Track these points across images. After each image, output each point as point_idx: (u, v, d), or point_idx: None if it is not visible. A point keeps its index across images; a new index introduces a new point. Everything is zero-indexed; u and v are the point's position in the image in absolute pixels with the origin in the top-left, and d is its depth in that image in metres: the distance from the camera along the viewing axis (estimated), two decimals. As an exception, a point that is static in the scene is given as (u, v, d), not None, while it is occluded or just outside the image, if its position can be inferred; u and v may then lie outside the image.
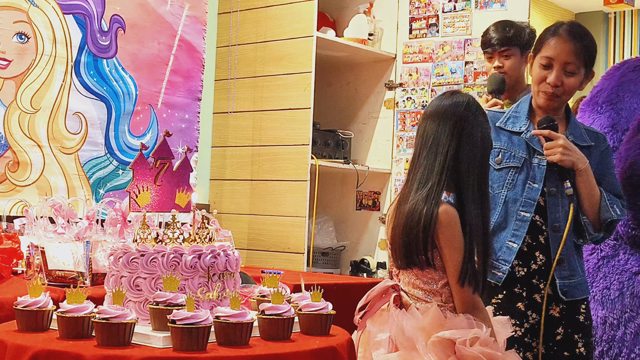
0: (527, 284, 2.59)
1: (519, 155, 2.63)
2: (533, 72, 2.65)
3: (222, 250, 2.01)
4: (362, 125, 4.73)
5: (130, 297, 1.93)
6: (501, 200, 2.61)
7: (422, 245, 2.21)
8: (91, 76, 3.76)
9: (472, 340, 2.13)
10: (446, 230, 2.20)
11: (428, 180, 2.24)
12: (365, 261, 4.46)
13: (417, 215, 2.21)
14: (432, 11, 4.49)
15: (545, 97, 2.61)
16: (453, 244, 2.21)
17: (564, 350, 2.58)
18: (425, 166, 2.26)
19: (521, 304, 2.58)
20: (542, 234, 2.59)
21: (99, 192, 3.78)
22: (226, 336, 1.80)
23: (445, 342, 2.13)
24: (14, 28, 3.50)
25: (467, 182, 2.25)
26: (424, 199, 2.22)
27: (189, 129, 4.18)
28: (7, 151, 3.47)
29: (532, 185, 2.60)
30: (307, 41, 4.13)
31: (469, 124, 2.27)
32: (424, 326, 2.17)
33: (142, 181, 2.06)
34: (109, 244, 2.60)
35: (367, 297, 2.32)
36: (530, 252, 2.59)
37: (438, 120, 2.28)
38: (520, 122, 2.67)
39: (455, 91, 2.37)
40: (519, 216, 2.59)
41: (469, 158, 2.26)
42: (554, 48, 2.59)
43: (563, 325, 2.58)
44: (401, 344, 2.19)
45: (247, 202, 4.31)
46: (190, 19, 4.15)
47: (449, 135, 2.25)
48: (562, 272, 2.58)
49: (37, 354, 1.69)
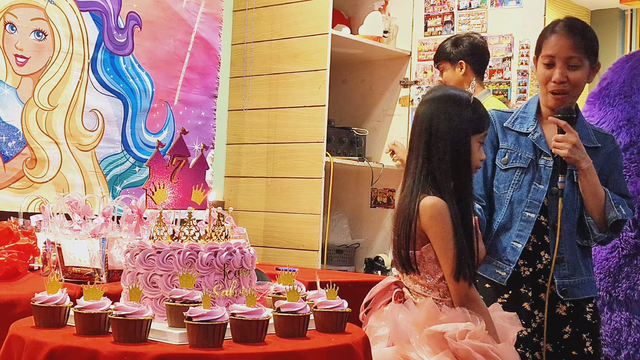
0: (533, 283, 2.58)
1: (526, 156, 2.61)
2: (538, 73, 2.64)
3: (237, 247, 2.02)
4: (377, 122, 4.72)
5: (146, 294, 1.94)
6: (506, 201, 2.60)
7: (404, 242, 2.24)
8: (108, 73, 3.78)
9: (461, 334, 2.14)
10: (433, 221, 2.22)
11: (408, 183, 2.32)
12: (380, 259, 4.46)
13: (402, 214, 2.28)
14: (447, 8, 4.48)
15: (554, 96, 2.58)
16: (442, 234, 2.22)
17: (572, 349, 2.57)
18: (408, 171, 2.34)
19: (527, 303, 2.57)
20: (547, 234, 2.58)
21: (115, 189, 3.79)
22: (242, 333, 1.80)
23: (438, 336, 2.15)
24: (31, 25, 3.52)
25: (440, 178, 2.27)
26: (404, 199, 2.30)
27: (205, 126, 4.19)
28: (25, 148, 3.50)
29: (538, 187, 2.58)
30: (322, 39, 4.13)
31: (435, 121, 2.29)
32: (418, 320, 2.20)
33: (159, 178, 2.07)
34: (124, 240, 2.61)
35: (370, 293, 2.37)
36: (535, 251, 2.58)
37: (414, 124, 2.36)
38: (528, 123, 2.65)
39: (431, 89, 2.40)
40: (524, 217, 2.58)
41: (439, 155, 2.27)
42: (553, 45, 2.57)
43: (570, 324, 2.57)
44: (396, 338, 2.21)
45: (262, 200, 4.32)
46: (206, 16, 4.16)
47: (419, 136, 2.32)
48: (561, 272, 2.56)
49: (55, 350, 1.70)
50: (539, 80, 2.63)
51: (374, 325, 2.31)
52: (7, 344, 1.85)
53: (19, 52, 3.48)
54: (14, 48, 3.46)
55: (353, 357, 1.87)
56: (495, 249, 2.61)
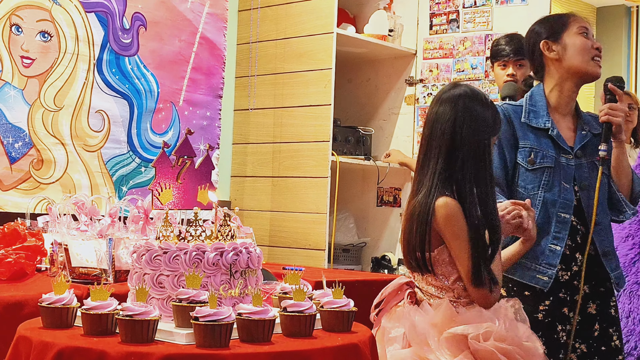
0: (570, 287, 2.54)
1: (550, 154, 2.56)
2: (576, 43, 2.57)
3: (243, 247, 2.02)
4: (383, 121, 4.72)
5: (153, 294, 1.95)
6: (538, 202, 2.53)
7: (418, 242, 2.20)
8: (113, 74, 3.78)
9: (485, 335, 2.12)
10: (448, 222, 2.17)
11: (425, 185, 2.23)
12: (387, 257, 4.46)
13: (416, 214, 2.21)
14: (452, 7, 4.47)
15: (596, 63, 2.60)
16: (459, 235, 2.17)
17: (601, 345, 2.56)
18: (424, 173, 2.25)
19: (566, 308, 2.54)
20: (578, 234, 2.55)
21: (121, 190, 3.80)
22: (248, 333, 1.81)
23: (458, 338, 2.13)
24: (37, 27, 3.53)
25: (462, 181, 2.20)
26: (420, 200, 2.22)
27: (211, 126, 4.19)
28: (31, 149, 3.51)
29: (565, 186, 2.55)
30: (327, 38, 4.13)
31: (460, 122, 2.21)
32: (435, 322, 2.17)
33: (165, 179, 2.07)
34: (131, 241, 2.62)
35: (382, 294, 2.33)
36: (571, 254, 2.54)
37: (431, 124, 2.26)
38: (542, 118, 2.59)
39: (449, 87, 2.31)
40: (559, 218, 2.52)
41: (463, 157, 2.20)
42: (582, 20, 2.62)
43: (598, 321, 2.57)
44: (413, 339, 2.18)
45: (268, 199, 4.32)
46: (210, 16, 4.16)
47: (440, 136, 2.23)
48: (610, 264, 2.56)
49: (62, 350, 1.71)
50: (579, 49, 2.57)
51: (388, 326, 2.28)
52: (15, 345, 1.85)
53: (25, 53, 3.49)
54: (19, 49, 3.47)
55: (360, 356, 1.87)
56: (533, 253, 2.49)
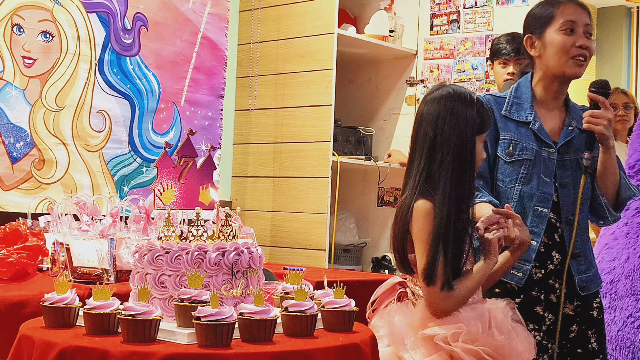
0: (545, 285, 2.47)
1: (530, 146, 2.49)
2: (554, 42, 2.48)
3: (245, 247, 2.02)
4: (383, 121, 4.73)
5: (155, 294, 1.95)
6: (515, 195, 2.47)
7: (400, 245, 2.21)
8: (115, 74, 3.79)
9: (453, 336, 2.11)
10: (416, 222, 2.18)
11: (409, 185, 2.26)
12: (387, 258, 4.47)
13: (398, 216, 2.24)
14: (453, 7, 4.48)
15: (576, 63, 2.47)
16: (419, 235, 2.17)
17: (577, 347, 2.49)
18: (409, 172, 2.28)
19: (539, 307, 2.47)
20: (557, 232, 2.48)
21: (123, 190, 3.81)
22: (250, 333, 1.81)
23: (430, 339, 2.14)
24: (38, 27, 3.54)
25: (439, 181, 2.19)
26: (403, 202, 2.24)
27: (212, 126, 4.20)
28: (33, 149, 3.51)
29: (545, 180, 2.48)
30: (328, 38, 4.13)
31: (441, 121, 2.22)
32: (412, 322, 2.18)
33: (166, 179, 2.08)
34: (132, 241, 2.62)
35: (376, 293, 2.36)
36: (546, 252, 2.48)
37: (417, 124, 2.29)
38: (525, 111, 2.52)
39: (435, 88, 2.31)
40: (536, 212, 2.46)
41: (442, 156, 2.20)
42: (572, 12, 2.47)
43: (577, 323, 2.50)
44: (392, 339, 2.20)
45: (269, 199, 4.32)
46: (212, 16, 4.17)
47: (424, 136, 2.25)
48: (579, 267, 2.48)
49: (65, 350, 1.71)
50: (559, 48, 2.48)
51: (377, 325, 2.30)
52: (17, 344, 1.86)
53: (27, 53, 3.49)
54: (21, 50, 3.48)
55: (361, 356, 1.87)
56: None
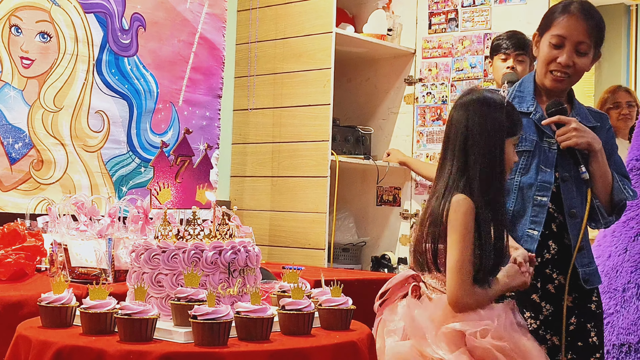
0: (541, 274, 2.49)
1: (530, 138, 2.52)
2: (541, 51, 2.52)
3: (242, 246, 2.03)
4: (382, 120, 4.73)
5: (152, 293, 1.95)
6: (515, 186, 2.51)
7: (431, 237, 2.24)
8: (112, 74, 3.79)
9: (482, 332, 2.13)
10: (454, 214, 2.22)
11: (440, 186, 2.30)
12: (386, 257, 4.46)
13: (428, 213, 2.28)
14: (451, 6, 4.48)
15: (553, 78, 2.50)
16: (456, 227, 2.20)
17: (577, 340, 2.51)
18: (441, 175, 2.33)
19: (536, 295, 2.50)
20: (555, 222, 2.51)
21: (121, 190, 3.81)
22: (247, 331, 1.81)
23: (455, 334, 2.15)
24: (36, 27, 3.54)
25: (474, 182, 2.26)
26: (436, 201, 2.29)
27: (210, 126, 4.20)
28: (31, 150, 3.51)
29: (545, 169, 2.50)
30: (326, 37, 4.13)
31: (470, 126, 2.29)
32: (434, 317, 2.19)
33: (163, 178, 2.08)
34: (131, 241, 2.62)
35: (388, 284, 2.37)
36: (543, 241, 2.50)
37: (448, 129, 2.35)
38: (527, 103, 2.55)
39: (465, 92, 2.38)
40: (535, 201, 2.48)
41: (474, 159, 2.27)
42: (566, 26, 2.47)
43: (576, 315, 2.51)
44: (412, 333, 2.21)
45: (268, 199, 4.33)
46: (209, 16, 4.17)
47: (455, 140, 2.31)
48: (582, 260, 2.50)
49: (61, 349, 1.72)
50: (541, 59, 2.52)
51: (388, 318, 2.31)
52: (15, 344, 1.86)
53: (25, 54, 3.49)
54: (19, 50, 3.48)
55: (358, 354, 1.87)
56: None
